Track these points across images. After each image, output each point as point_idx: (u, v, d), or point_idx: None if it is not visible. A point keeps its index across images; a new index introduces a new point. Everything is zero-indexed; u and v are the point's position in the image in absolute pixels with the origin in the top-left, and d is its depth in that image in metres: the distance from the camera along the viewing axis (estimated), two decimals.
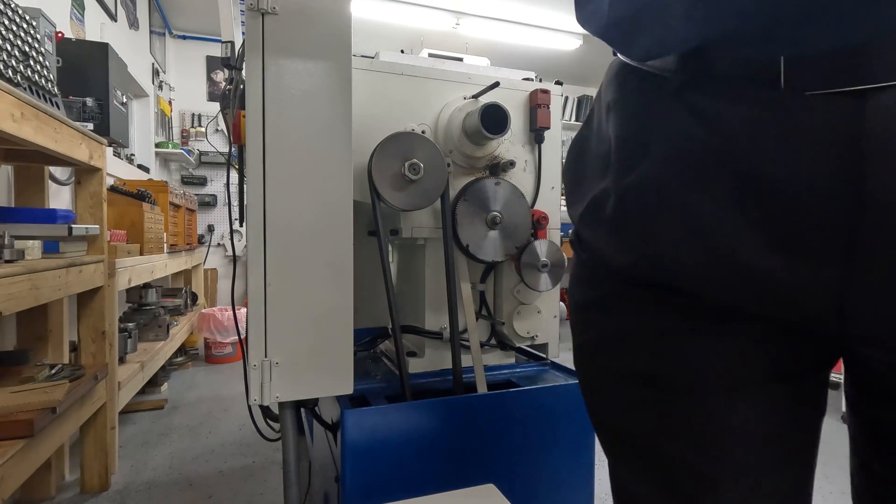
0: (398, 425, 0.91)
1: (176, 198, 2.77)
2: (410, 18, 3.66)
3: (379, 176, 0.98)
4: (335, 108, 0.86)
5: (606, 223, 0.43)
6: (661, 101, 0.39)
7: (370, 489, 0.89)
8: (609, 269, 0.45)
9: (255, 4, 0.81)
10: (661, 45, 0.37)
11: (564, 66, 4.86)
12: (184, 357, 3.05)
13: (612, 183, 0.42)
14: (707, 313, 0.40)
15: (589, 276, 0.49)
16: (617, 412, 0.47)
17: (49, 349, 1.57)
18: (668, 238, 0.38)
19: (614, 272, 0.45)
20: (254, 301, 0.83)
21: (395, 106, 1.10)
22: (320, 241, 0.86)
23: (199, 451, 1.92)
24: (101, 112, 1.85)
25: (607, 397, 0.48)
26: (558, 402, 1.03)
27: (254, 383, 0.84)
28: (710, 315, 0.40)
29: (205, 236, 4.14)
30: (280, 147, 0.83)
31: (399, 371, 1.01)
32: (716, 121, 0.35)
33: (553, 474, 1.03)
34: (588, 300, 0.49)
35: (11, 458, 1.02)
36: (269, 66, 0.82)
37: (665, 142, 0.38)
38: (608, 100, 0.45)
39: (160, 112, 3.78)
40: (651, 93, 0.40)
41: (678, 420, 0.42)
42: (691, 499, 0.42)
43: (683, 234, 0.37)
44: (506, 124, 1.04)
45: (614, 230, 0.43)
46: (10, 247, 1.16)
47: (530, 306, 1.21)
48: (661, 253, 0.39)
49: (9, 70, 1.15)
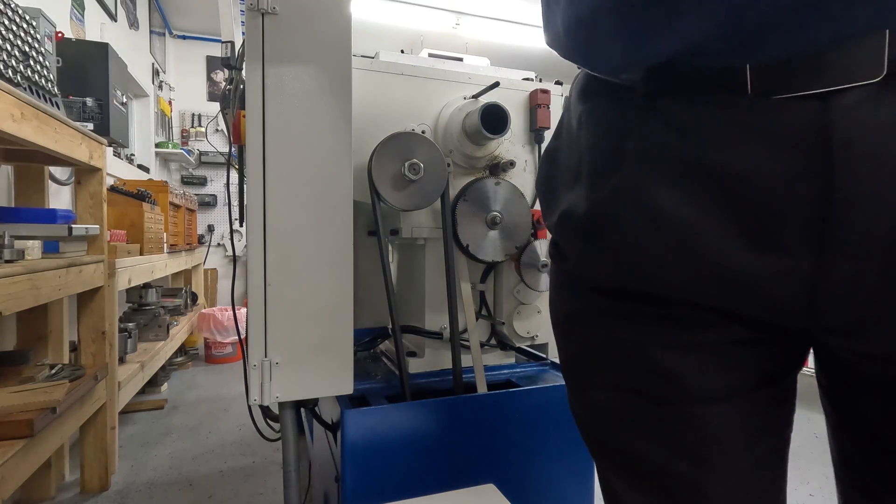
0: (398, 425, 0.91)
1: (176, 198, 2.77)
2: (410, 18, 3.66)
3: (379, 176, 0.98)
4: (335, 108, 0.86)
5: (582, 232, 0.44)
6: (631, 111, 0.40)
7: (370, 489, 0.89)
8: (586, 279, 0.46)
9: (255, 4, 0.81)
10: (628, 60, 0.38)
11: (564, 66, 4.86)
12: (184, 357, 3.05)
13: (586, 192, 0.43)
14: (686, 322, 0.40)
15: (569, 284, 0.49)
16: (603, 424, 0.47)
17: (49, 349, 1.57)
18: (644, 244, 0.39)
19: (591, 281, 0.45)
20: (254, 301, 0.83)
21: (395, 106, 1.10)
22: (320, 241, 0.86)
23: (199, 451, 1.92)
24: (101, 112, 1.85)
25: (593, 409, 0.48)
26: (559, 402, 1.03)
27: (254, 383, 0.84)
28: (690, 324, 0.40)
29: (205, 236, 4.14)
30: (280, 147, 0.83)
31: (399, 371, 1.01)
32: (688, 127, 0.36)
33: (553, 474, 1.03)
34: (568, 311, 0.50)
35: (11, 458, 1.02)
36: (269, 65, 0.82)
37: (638, 150, 0.39)
38: (578, 112, 0.46)
39: (160, 112, 3.78)
40: (621, 104, 0.41)
41: (664, 430, 0.43)
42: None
43: (660, 238, 0.38)
44: (506, 124, 1.04)
45: (590, 239, 0.43)
46: (10, 247, 1.16)
47: (530, 306, 1.21)
48: (638, 259, 0.40)
49: (9, 70, 1.15)
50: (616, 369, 0.45)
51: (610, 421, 0.46)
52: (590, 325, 0.47)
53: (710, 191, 0.35)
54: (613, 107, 0.42)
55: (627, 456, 0.45)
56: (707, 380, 0.41)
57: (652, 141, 0.38)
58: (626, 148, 0.39)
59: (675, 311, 0.40)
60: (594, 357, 0.47)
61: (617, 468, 0.47)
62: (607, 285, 0.43)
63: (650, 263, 0.39)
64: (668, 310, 0.40)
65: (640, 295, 0.41)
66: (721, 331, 0.40)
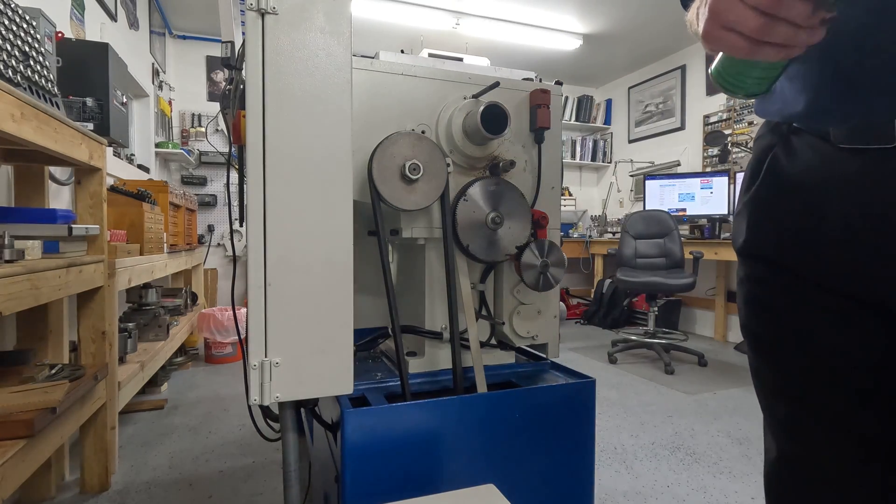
0: (398, 425, 0.91)
1: (176, 198, 2.77)
2: (410, 18, 3.66)
3: (379, 176, 0.98)
4: (335, 108, 0.86)
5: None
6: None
7: (370, 489, 0.89)
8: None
9: (255, 4, 0.81)
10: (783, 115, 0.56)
11: (564, 66, 4.86)
12: (184, 357, 3.05)
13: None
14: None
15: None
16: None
17: (49, 349, 1.57)
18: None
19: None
20: (254, 301, 0.83)
21: (395, 106, 1.10)
22: (320, 241, 0.86)
23: (199, 451, 1.92)
24: (101, 112, 1.85)
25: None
26: (558, 402, 1.03)
27: (254, 383, 0.84)
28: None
29: (205, 236, 4.14)
30: (280, 147, 0.83)
31: (399, 371, 1.01)
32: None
33: (553, 474, 1.03)
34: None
35: (11, 458, 1.02)
36: (269, 66, 0.82)
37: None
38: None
39: (160, 112, 3.78)
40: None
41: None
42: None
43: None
44: (506, 124, 1.04)
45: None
46: (10, 247, 1.16)
47: (530, 306, 1.21)
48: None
49: (9, 70, 1.15)
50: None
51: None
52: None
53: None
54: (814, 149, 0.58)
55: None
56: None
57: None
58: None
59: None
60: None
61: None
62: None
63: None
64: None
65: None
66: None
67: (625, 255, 3.52)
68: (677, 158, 4.49)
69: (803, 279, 0.55)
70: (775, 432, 0.61)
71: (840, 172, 0.50)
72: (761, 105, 0.60)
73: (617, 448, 1.99)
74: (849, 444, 0.54)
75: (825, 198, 0.51)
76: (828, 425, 0.55)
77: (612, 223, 4.96)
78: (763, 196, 0.58)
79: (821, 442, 0.56)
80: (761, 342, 0.61)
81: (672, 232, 3.41)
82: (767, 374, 0.61)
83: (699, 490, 1.67)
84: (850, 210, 0.50)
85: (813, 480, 0.57)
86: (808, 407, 0.56)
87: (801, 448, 0.58)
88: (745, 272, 0.62)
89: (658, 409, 2.44)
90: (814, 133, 0.53)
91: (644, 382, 2.85)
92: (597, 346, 3.77)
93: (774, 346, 0.59)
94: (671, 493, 1.65)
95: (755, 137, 0.63)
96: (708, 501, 1.61)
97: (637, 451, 1.97)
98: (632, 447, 2.00)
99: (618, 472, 1.79)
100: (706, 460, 1.89)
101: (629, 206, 5.03)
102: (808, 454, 0.57)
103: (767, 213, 0.58)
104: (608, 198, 5.17)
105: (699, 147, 4.33)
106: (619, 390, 2.72)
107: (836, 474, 0.55)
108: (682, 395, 2.65)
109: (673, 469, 1.82)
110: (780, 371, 0.59)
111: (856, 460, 0.54)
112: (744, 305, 0.63)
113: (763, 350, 0.61)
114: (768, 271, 0.58)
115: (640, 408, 2.45)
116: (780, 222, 0.56)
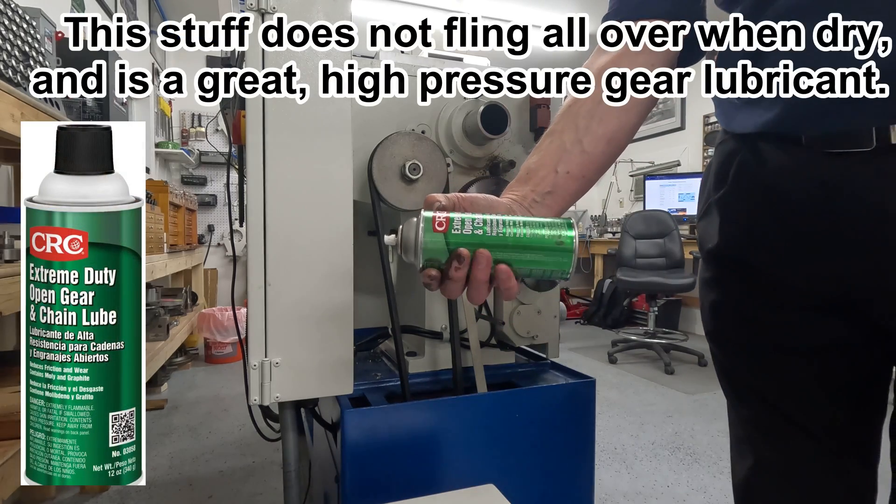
0: (398, 425, 0.91)
1: (176, 198, 2.77)
2: (410, 18, 3.67)
3: (379, 176, 0.98)
4: (335, 108, 0.86)
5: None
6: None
7: (370, 489, 0.89)
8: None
9: (255, 4, 0.81)
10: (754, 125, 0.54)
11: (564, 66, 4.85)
12: (184, 357, 3.05)
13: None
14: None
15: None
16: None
17: None
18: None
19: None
20: (254, 301, 0.83)
21: (395, 106, 1.10)
22: (320, 241, 0.86)
23: (199, 451, 1.92)
24: (101, 112, 1.84)
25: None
26: (558, 402, 1.03)
27: (254, 383, 0.84)
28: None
29: (205, 236, 4.15)
30: (280, 147, 0.83)
31: (399, 371, 1.01)
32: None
33: (553, 474, 1.03)
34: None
35: (11, 458, 1.02)
36: (269, 65, 0.82)
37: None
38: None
39: (160, 112, 3.78)
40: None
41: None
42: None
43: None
44: (506, 124, 1.04)
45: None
46: (10, 247, 1.16)
47: (530, 306, 1.20)
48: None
49: (9, 70, 1.15)
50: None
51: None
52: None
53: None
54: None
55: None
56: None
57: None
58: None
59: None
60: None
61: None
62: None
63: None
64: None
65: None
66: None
67: (625, 256, 3.52)
68: (677, 158, 4.49)
69: (779, 282, 0.54)
70: (752, 440, 0.61)
71: (816, 176, 0.49)
72: (728, 118, 0.59)
73: (617, 448, 1.99)
74: (829, 447, 0.55)
75: (801, 201, 0.51)
76: (806, 429, 0.56)
77: (612, 223, 4.96)
78: (734, 200, 0.57)
79: (801, 446, 0.56)
80: (738, 349, 0.61)
81: (672, 232, 3.41)
82: (743, 380, 0.61)
83: (699, 490, 1.67)
84: (827, 213, 0.49)
85: (797, 485, 0.57)
86: (788, 411, 0.57)
87: (778, 454, 0.58)
88: (713, 275, 0.62)
89: (658, 409, 2.44)
90: (785, 138, 0.52)
91: (644, 382, 2.86)
92: (597, 346, 3.77)
93: (753, 353, 0.59)
94: (671, 493, 1.65)
95: (717, 143, 0.61)
96: (708, 501, 1.61)
97: (637, 451, 1.97)
98: (632, 447, 2.00)
99: (618, 472, 1.80)
100: (706, 460, 1.89)
101: (629, 206, 5.03)
102: (786, 459, 0.58)
103: (739, 217, 0.57)
104: (608, 198, 5.17)
105: (699, 147, 4.33)
106: (619, 390, 2.72)
107: (817, 477, 0.56)
108: (682, 395, 2.65)
109: (673, 469, 1.82)
110: (759, 376, 0.59)
111: (834, 460, 0.56)
112: (712, 311, 0.62)
113: (741, 357, 0.61)
114: (742, 275, 0.57)
115: (640, 408, 2.45)
116: (753, 225, 0.55)
